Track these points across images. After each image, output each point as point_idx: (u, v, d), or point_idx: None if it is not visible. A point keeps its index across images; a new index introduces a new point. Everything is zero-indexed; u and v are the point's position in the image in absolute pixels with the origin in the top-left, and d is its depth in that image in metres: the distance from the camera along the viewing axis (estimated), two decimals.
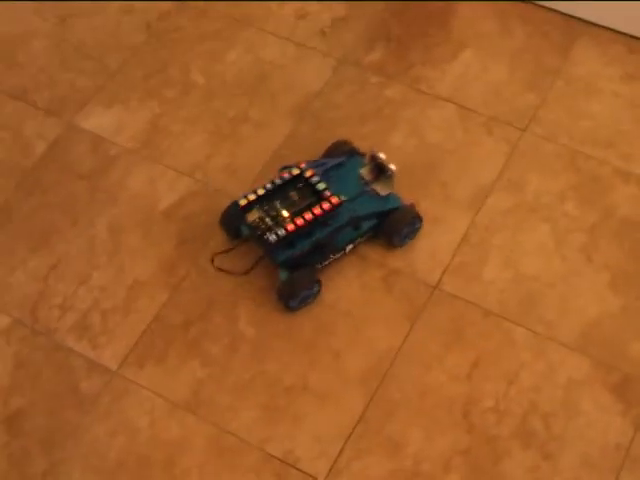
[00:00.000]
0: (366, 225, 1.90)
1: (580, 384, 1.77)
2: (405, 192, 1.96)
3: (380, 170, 1.92)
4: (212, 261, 1.94)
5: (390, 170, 1.89)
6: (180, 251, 1.95)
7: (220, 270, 1.93)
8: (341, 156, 1.96)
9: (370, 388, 1.79)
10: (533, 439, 1.71)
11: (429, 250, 1.94)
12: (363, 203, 1.90)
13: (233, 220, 1.92)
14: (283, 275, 1.86)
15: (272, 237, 1.80)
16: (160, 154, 2.10)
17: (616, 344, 1.79)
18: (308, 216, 1.81)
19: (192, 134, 2.12)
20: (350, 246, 1.90)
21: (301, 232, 1.82)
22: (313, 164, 1.92)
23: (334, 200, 1.82)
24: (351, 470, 1.70)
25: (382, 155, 1.90)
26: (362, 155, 1.97)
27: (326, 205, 1.82)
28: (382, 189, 1.92)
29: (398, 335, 1.84)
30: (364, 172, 1.94)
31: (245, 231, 1.90)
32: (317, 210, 1.82)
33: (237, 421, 1.76)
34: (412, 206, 1.93)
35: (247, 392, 1.78)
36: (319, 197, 1.83)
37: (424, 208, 1.97)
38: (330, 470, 1.70)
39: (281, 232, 1.80)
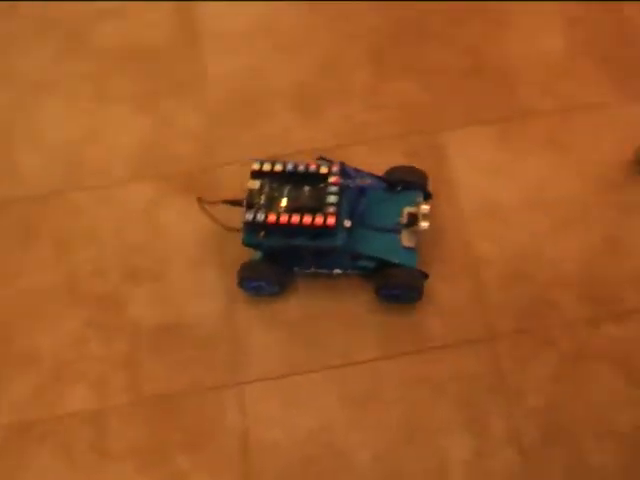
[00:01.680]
0: (364, 263, 1.75)
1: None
2: None
3: (413, 220, 1.76)
4: (198, 200, 1.78)
5: (419, 226, 1.74)
6: None
7: (205, 213, 1.80)
8: (401, 183, 1.80)
9: None
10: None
11: None
12: (375, 241, 1.75)
13: None
14: (256, 255, 1.75)
15: (249, 216, 1.66)
16: None
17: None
18: (295, 219, 1.66)
19: None
20: (338, 271, 1.78)
21: (282, 229, 1.67)
22: (353, 173, 1.74)
23: (329, 220, 1.65)
24: None
25: (425, 207, 1.75)
26: (423, 192, 1.80)
27: (319, 220, 1.65)
28: (406, 239, 1.77)
29: None
30: (406, 211, 1.77)
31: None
32: (308, 219, 1.66)
33: None
34: (422, 275, 1.76)
35: None
36: (322, 208, 1.66)
37: None
38: None
39: (260, 217, 1.66)
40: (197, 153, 1.92)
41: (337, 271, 1.77)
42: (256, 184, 1.70)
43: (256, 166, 1.71)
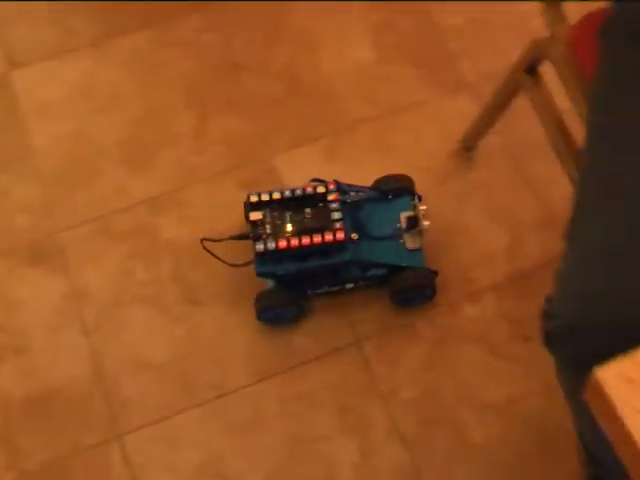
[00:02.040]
0: (373, 272, 1.78)
1: None
2: None
3: (414, 222, 1.79)
4: (202, 242, 1.80)
5: (421, 225, 1.77)
6: None
7: (210, 253, 1.83)
8: (391, 191, 1.83)
9: None
10: None
11: None
12: (381, 249, 1.77)
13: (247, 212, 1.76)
14: (269, 283, 1.75)
15: (259, 246, 1.69)
16: None
17: None
18: (306, 240, 1.68)
19: None
20: (351, 285, 1.79)
21: (294, 253, 1.69)
22: (347, 188, 1.78)
23: (339, 235, 1.68)
24: None
25: (423, 207, 1.78)
26: (413, 195, 1.82)
27: (329, 237, 1.69)
28: (410, 242, 1.80)
29: None
30: (404, 217, 1.80)
31: (245, 228, 1.75)
32: (317, 238, 1.68)
33: None
34: (432, 273, 1.81)
35: None
36: (328, 226, 1.68)
37: None
38: None
39: (271, 245, 1.69)
40: (36, 223, 1.94)
41: (349, 285, 1.81)
42: (258, 215, 1.73)
43: (254, 198, 1.75)
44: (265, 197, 1.75)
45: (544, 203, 1.96)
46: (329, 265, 1.72)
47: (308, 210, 1.74)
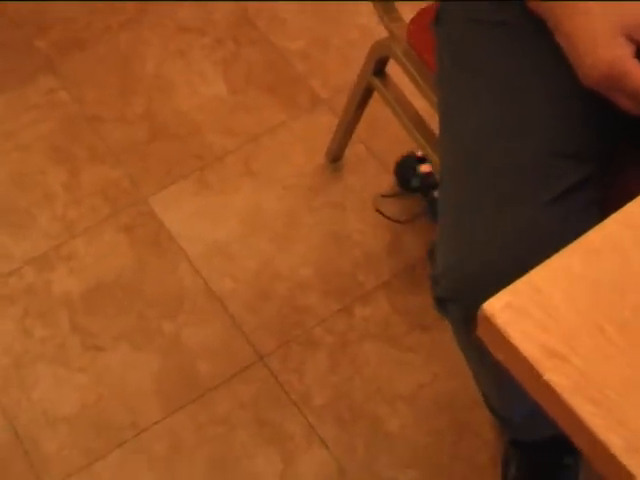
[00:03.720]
0: None
1: None
2: None
3: None
4: (374, 203, 1.89)
5: None
6: None
7: (379, 213, 1.96)
8: None
9: None
10: None
11: None
12: None
13: (405, 169, 1.89)
14: None
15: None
16: None
17: None
18: None
19: None
20: None
21: None
22: None
23: None
24: None
25: None
26: None
27: None
28: None
29: None
30: None
31: (414, 182, 1.89)
32: None
33: None
34: None
35: None
36: None
37: None
38: None
39: None
40: None
41: None
42: (428, 167, 1.89)
43: (420, 152, 1.87)
44: None
45: None
46: None
47: None
